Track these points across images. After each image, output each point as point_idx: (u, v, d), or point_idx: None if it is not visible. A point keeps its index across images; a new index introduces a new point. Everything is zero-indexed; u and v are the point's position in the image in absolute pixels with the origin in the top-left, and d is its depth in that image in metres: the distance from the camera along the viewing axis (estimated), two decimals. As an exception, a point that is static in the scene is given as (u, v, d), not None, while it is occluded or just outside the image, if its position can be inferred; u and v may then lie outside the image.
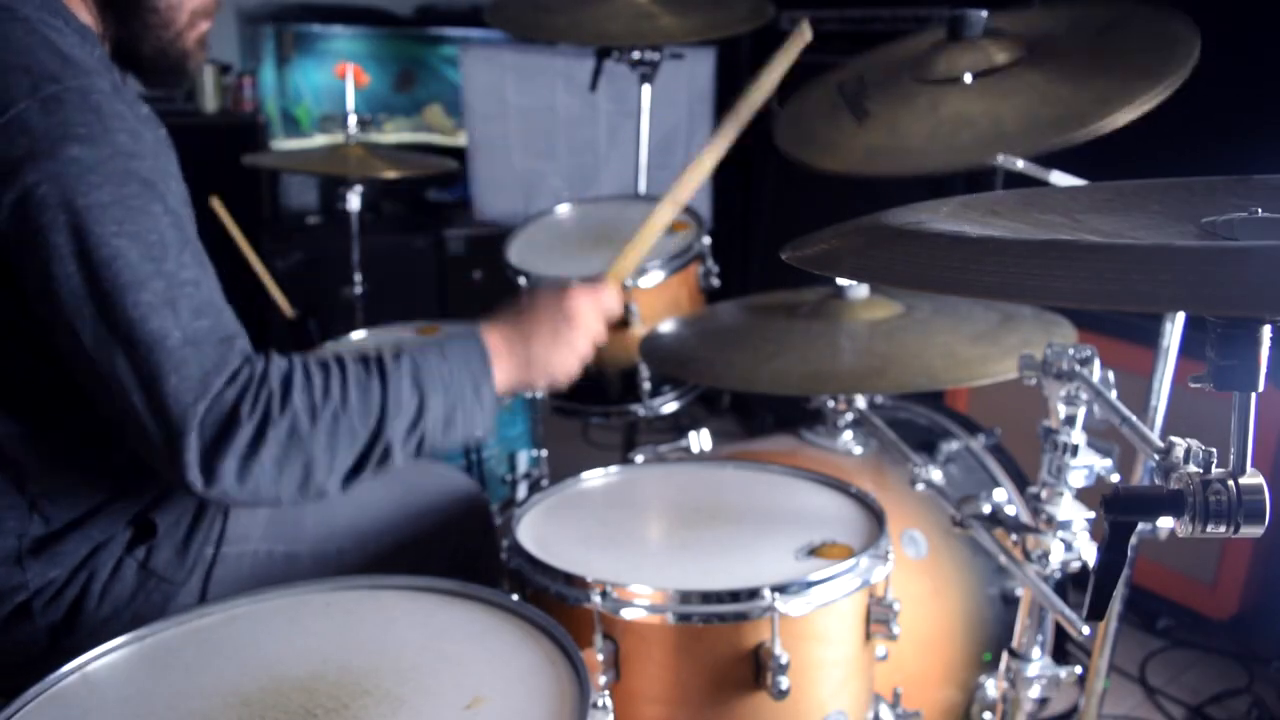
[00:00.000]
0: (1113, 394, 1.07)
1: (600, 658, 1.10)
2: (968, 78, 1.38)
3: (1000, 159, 1.37)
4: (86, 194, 0.95)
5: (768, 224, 3.30)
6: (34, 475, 1.10)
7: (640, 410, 1.94)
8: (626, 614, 1.11)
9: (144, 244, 0.97)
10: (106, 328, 0.96)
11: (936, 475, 1.42)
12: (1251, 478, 0.68)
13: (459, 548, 1.44)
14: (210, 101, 3.73)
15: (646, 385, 1.91)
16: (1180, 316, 1.45)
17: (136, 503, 1.18)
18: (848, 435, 1.67)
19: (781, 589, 1.10)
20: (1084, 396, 1.11)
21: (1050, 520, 1.15)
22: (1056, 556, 1.16)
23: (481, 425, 1.17)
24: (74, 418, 1.10)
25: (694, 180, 1.41)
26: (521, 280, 1.90)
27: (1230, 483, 0.68)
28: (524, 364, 1.21)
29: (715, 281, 1.96)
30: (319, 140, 4.00)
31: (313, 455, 1.04)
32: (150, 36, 1.12)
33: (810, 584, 1.12)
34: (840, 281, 1.55)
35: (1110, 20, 1.40)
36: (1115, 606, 1.60)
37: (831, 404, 1.65)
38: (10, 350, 1.05)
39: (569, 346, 1.24)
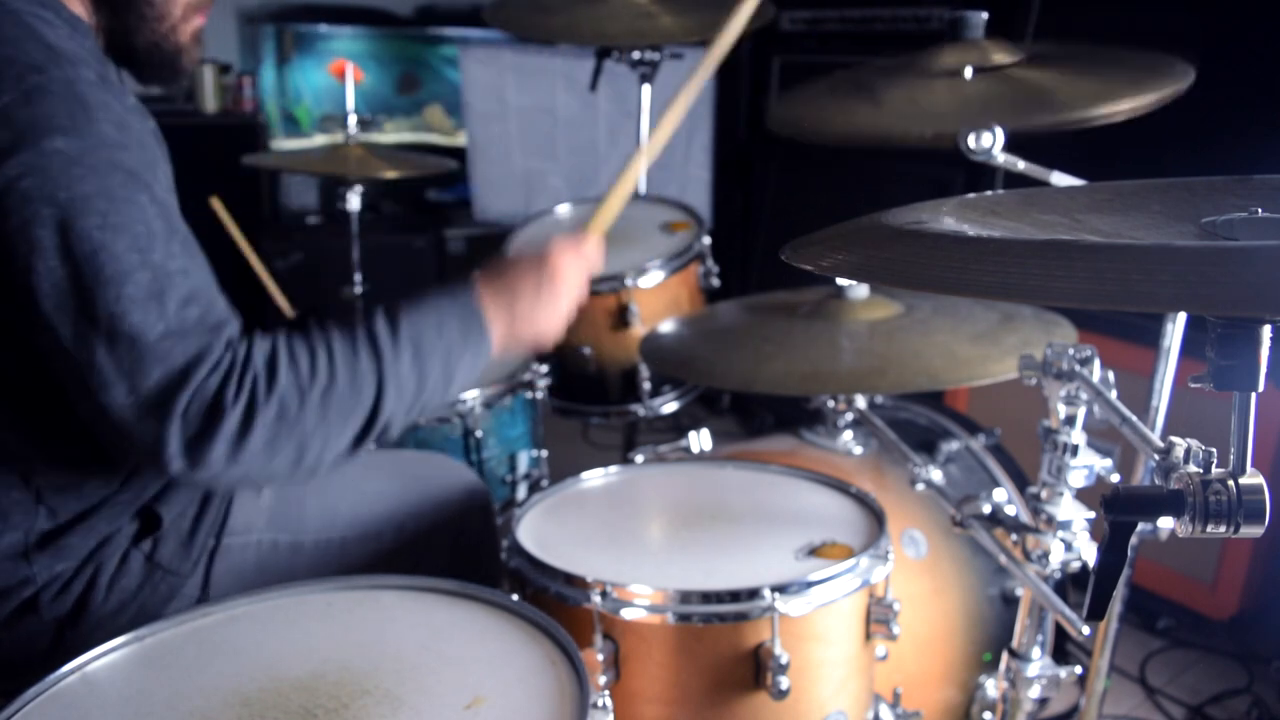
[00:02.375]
0: (1113, 394, 1.07)
1: (600, 658, 1.10)
2: (968, 72, 1.38)
3: (1001, 159, 1.37)
4: (70, 186, 0.93)
5: (768, 224, 3.30)
6: (39, 469, 1.10)
7: (640, 410, 1.94)
8: (626, 614, 1.11)
9: (130, 235, 0.95)
10: (89, 322, 0.95)
11: (936, 475, 1.42)
12: (1251, 478, 0.68)
13: (460, 539, 1.44)
14: (210, 101, 3.73)
15: (646, 385, 1.91)
16: (1181, 316, 1.45)
17: (141, 495, 1.18)
18: (848, 435, 1.67)
19: (781, 589, 1.10)
20: (1084, 396, 1.11)
21: (1050, 520, 1.15)
22: (1056, 556, 1.16)
23: (471, 386, 1.15)
24: (73, 411, 1.10)
25: (668, 129, 1.39)
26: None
27: (1230, 483, 0.68)
28: (512, 325, 1.19)
29: (715, 281, 1.96)
30: (319, 140, 4.00)
31: (305, 434, 1.02)
32: (144, 30, 1.11)
33: (810, 584, 1.12)
34: (840, 281, 1.56)
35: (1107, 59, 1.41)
36: (1115, 606, 1.60)
37: (831, 404, 1.65)
38: (9, 344, 1.04)
39: (553, 305, 1.22)
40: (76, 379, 0.98)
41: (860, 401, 1.62)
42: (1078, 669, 1.27)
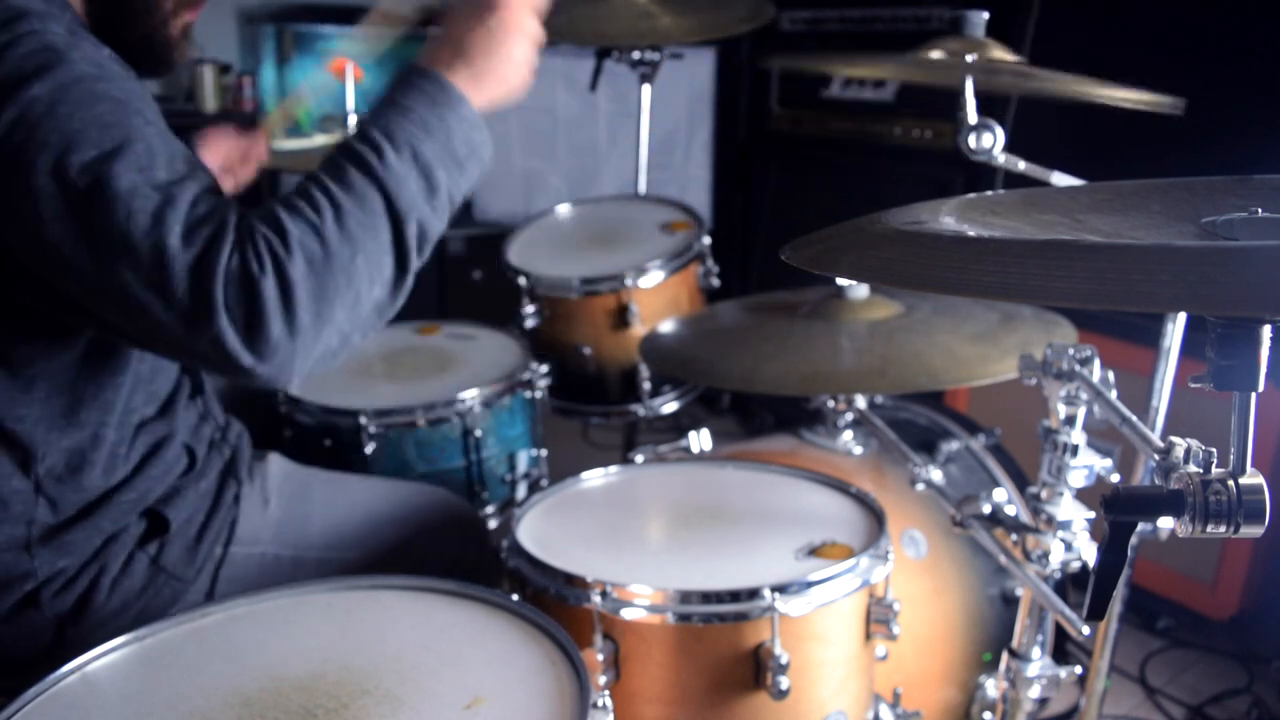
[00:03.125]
0: (1113, 394, 1.07)
1: (600, 658, 1.10)
2: (969, 57, 1.38)
3: (1001, 159, 1.37)
4: (57, 127, 0.92)
5: (768, 224, 3.30)
6: (39, 457, 1.09)
7: (640, 410, 1.94)
8: (626, 614, 1.11)
9: (128, 157, 0.94)
10: (106, 248, 0.93)
11: (936, 475, 1.42)
12: (1251, 478, 0.68)
13: (458, 562, 1.45)
14: (210, 101, 3.73)
15: (646, 385, 1.91)
16: (1181, 316, 1.45)
17: (146, 495, 1.18)
18: (848, 435, 1.67)
19: (781, 589, 1.10)
20: (1084, 396, 1.11)
21: (1050, 520, 1.15)
22: (1056, 556, 1.16)
23: (484, 142, 1.09)
24: (76, 399, 1.10)
25: None
26: (521, 280, 1.90)
27: (1230, 483, 0.68)
28: (475, 78, 1.10)
29: (715, 281, 1.96)
30: (319, 140, 4.00)
31: (345, 269, 0.98)
32: (135, 23, 1.11)
33: (810, 584, 1.12)
34: (840, 281, 1.56)
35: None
36: (1115, 606, 1.60)
37: (831, 404, 1.65)
38: (10, 322, 1.04)
39: (509, 43, 1.12)
40: (117, 311, 0.96)
41: (860, 401, 1.62)
42: (1078, 669, 1.27)
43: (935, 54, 1.40)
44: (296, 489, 1.37)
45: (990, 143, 1.35)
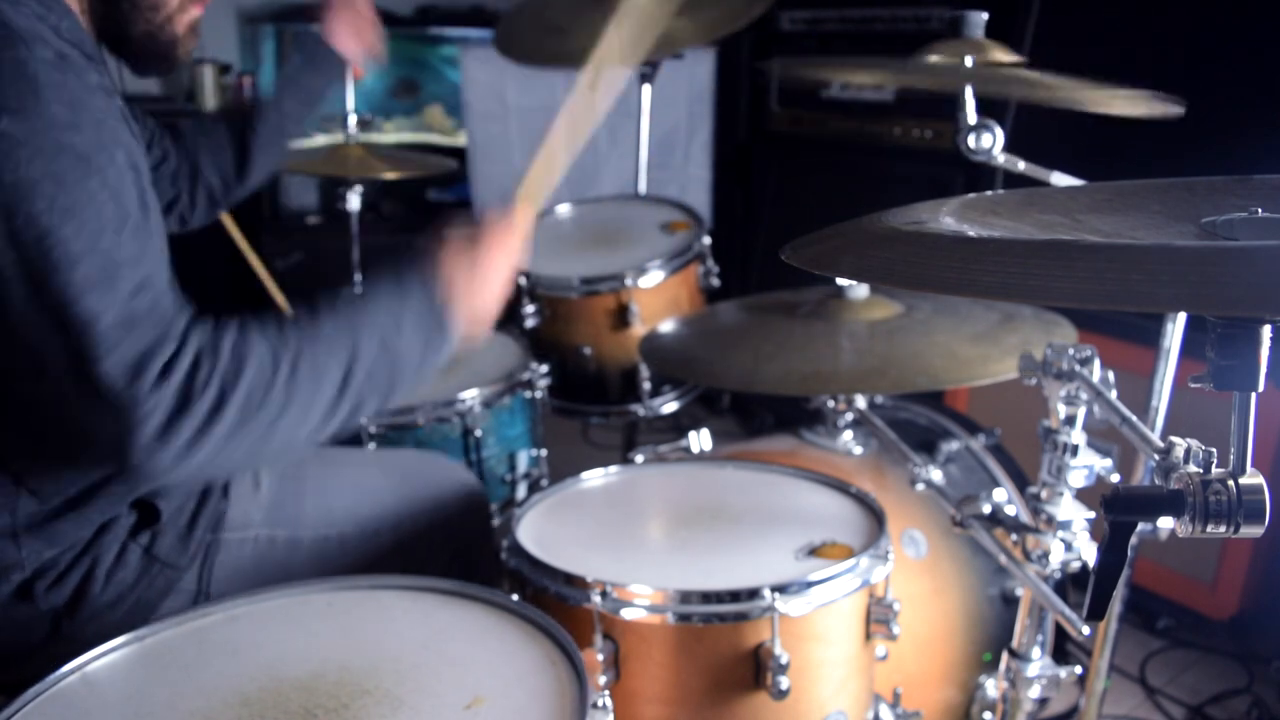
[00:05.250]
0: (1113, 394, 1.07)
1: (600, 658, 1.10)
2: (968, 60, 1.38)
3: (1001, 159, 1.37)
4: (15, 169, 0.91)
5: (768, 224, 3.30)
6: (13, 454, 1.08)
7: (640, 410, 1.94)
8: (626, 614, 1.11)
9: (77, 221, 0.93)
10: (36, 309, 0.92)
11: (936, 475, 1.42)
12: (1251, 478, 0.68)
13: (457, 538, 1.44)
14: (210, 101, 3.73)
15: (646, 385, 1.91)
16: (1181, 316, 1.45)
17: (136, 486, 1.18)
18: (848, 435, 1.67)
19: (781, 589, 1.10)
20: (1084, 396, 1.11)
21: (1050, 520, 1.15)
22: (1056, 556, 1.16)
23: (429, 369, 1.12)
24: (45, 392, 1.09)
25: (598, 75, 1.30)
26: (521, 280, 1.90)
27: (1230, 483, 0.68)
28: (464, 325, 1.16)
29: (715, 281, 1.96)
30: (319, 140, 3.99)
31: (269, 423, 0.99)
32: (138, 20, 1.10)
33: (810, 584, 1.12)
34: (840, 281, 1.56)
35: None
36: (1115, 606, 1.60)
37: (831, 404, 1.65)
38: None
39: (485, 288, 1.17)
40: (33, 366, 0.95)
41: (860, 401, 1.62)
42: (1078, 669, 1.27)
43: (934, 58, 1.40)
44: (288, 468, 1.36)
45: (990, 143, 1.35)
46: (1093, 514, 1.15)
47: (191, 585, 1.24)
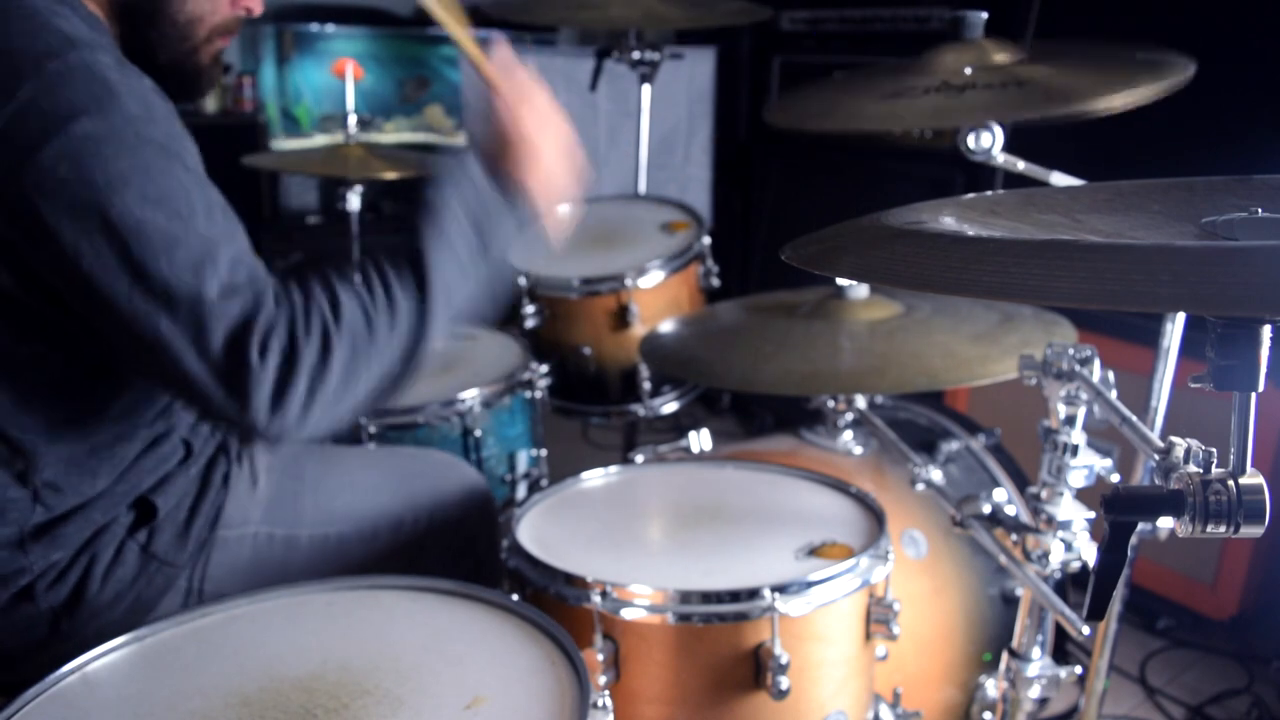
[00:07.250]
0: (1113, 394, 1.07)
1: (600, 658, 1.10)
2: (967, 70, 1.38)
3: (1001, 159, 1.37)
4: (104, 166, 0.94)
5: (768, 224, 3.30)
6: (40, 468, 1.10)
7: (640, 410, 1.94)
8: (626, 614, 1.11)
9: (170, 206, 0.96)
10: (143, 293, 0.95)
11: (936, 475, 1.42)
12: (1251, 478, 0.68)
13: (459, 537, 1.44)
14: (210, 101, 3.73)
15: (646, 385, 1.91)
16: (1180, 316, 1.45)
17: (137, 486, 1.18)
18: (848, 435, 1.67)
19: (781, 589, 1.10)
20: (1084, 396, 1.11)
21: (1050, 520, 1.15)
22: (1056, 556, 1.16)
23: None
24: (78, 408, 1.10)
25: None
26: (521, 280, 1.90)
27: (1230, 483, 0.68)
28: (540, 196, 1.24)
29: (715, 281, 1.96)
30: (319, 140, 4.00)
31: (382, 352, 1.03)
32: (166, 48, 1.12)
33: (810, 584, 1.12)
34: (840, 281, 1.55)
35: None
36: (1115, 606, 1.60)
37: (831, 404, 1.65)
38: (30, 333, 1.04)
39: (544, 162, 1.26)
40: (148, 356, 0.98)
41: (860, 401, 1.62)
42: (1078, 669, 1.27)
43: (932, 81, 1.39)
44: (287, 466, 1.37)
45: (989, 143, 1.35)
46: (1093, 514, 1.15)
47: (190, 583, 1.24)
